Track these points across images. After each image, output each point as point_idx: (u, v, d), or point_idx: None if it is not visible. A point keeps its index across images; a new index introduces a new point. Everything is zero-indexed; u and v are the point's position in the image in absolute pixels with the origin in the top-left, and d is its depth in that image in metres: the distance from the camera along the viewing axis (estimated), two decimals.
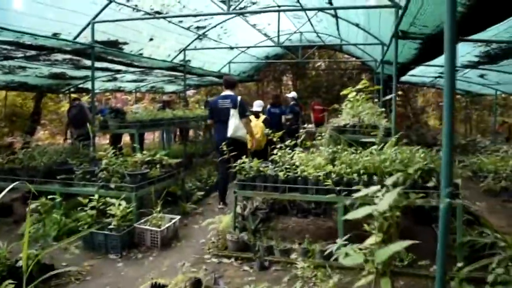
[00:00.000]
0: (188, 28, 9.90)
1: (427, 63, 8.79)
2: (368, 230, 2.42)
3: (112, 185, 5.48)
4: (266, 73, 21.28)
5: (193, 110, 10.49)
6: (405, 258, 4.62)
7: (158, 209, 5.40)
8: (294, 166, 5.27)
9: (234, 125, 6.66)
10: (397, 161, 4.95)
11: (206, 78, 14.79)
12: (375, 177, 4.89)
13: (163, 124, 8.36)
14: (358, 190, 2.56)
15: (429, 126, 19.19)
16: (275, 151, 5.70)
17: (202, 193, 7.62)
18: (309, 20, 10.23)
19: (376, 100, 10.33)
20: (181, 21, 9.33)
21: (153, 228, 5.18)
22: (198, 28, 10.28)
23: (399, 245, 1.70)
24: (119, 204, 5.13)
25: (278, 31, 10.02)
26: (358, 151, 5.40)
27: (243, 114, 6.82)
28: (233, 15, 10.27)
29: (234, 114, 6.70)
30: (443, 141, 2.37)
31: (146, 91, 15.84)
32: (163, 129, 9.10)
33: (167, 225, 5.30)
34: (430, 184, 4.65)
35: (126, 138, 12.36)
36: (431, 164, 4.83)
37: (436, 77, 11.98)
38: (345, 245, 2.79)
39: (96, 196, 5.28)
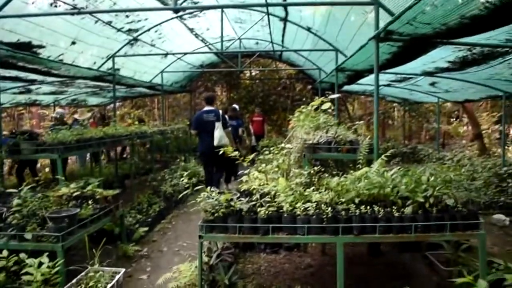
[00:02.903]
0: (119, 30, 8.44)
1: (386, 71, 8.14)
2: None
3: (28, 235, 3.99)
4: (198, 83, 19.99)
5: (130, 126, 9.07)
6: None
7: (96, 266, 4.01)
8: (272, 196, 4.15)
9: (219, 135, 7.71)
10: (401, 187, 4.03)
11: (135, 89, 13.26)
12: (376, 208, 3.93)
13: (91, 145, 6.85)
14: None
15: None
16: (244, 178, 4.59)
17: (145, 228, 6.25)
18: (267, 16, 9.17)
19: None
20: (110, 22, 7.88)
21: None
22: (129, 30, 8.85)
23: None
24: (40, 263, 3.71)
25: (222, 36, 8.91)
26: (350, 173, 4.43)
27: (225, 126, 7.92)
28: (172, 16, 9.05)
29: (218, 126, 7.77)
30: None
31: (66, 104, 13.90)
32: (92, 150, 7.58)
33: (109, 286, 3.91)
34: None
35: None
36: (445, 189, 3.96)
37: (384, 85, 11.53)
38: None
39: (5, 253, 3.81)
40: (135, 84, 11.81)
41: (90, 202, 4.89)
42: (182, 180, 8.14)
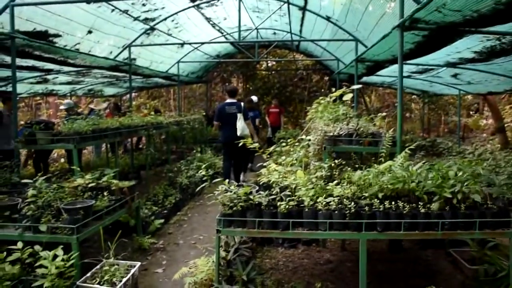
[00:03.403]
0: (135, 19, 8.33)
1: (407, 61, 7.89)
2: None
3: (43, 227, 3.92)
4: (214, 74, 19.85)
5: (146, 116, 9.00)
6: None
7: (111, 259, 3.93)
8: (292, 190, 4.00)
9: (242, 126, 8.18)
10: (428, 181, 3.84)
11: (151, 79, 13.19)
12: (400, 203, 3.75)
13: (108, 135, 6.77)
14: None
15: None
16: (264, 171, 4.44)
17: (161, 220, 6.16)
18: (286, 5, 8.99)
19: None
20: (127, 10, 7.77)
21: None
22: (146, 19, 8.74)
23: None
24: (54, 255, 3.63)
25: (239, 25, 8.75)
26: (373, 167, 4.26)
27: (246, 117, 8.31)
28: (189, 5, 8.94)
29: (240, 118, 8.21)
30: None
31: (83, 94, 13.91)
32: (108, 141, 7.48)
33: (124, 280, 3.83)
34: None
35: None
36: (473, 184, 3.75)
37: (404, 77, 11.21)
38: None
39: (20, 244, 3.75)
40: (151, 74, 11.75)
41: (105, 193, 4.80)
42: (200, 172, 8.05)
